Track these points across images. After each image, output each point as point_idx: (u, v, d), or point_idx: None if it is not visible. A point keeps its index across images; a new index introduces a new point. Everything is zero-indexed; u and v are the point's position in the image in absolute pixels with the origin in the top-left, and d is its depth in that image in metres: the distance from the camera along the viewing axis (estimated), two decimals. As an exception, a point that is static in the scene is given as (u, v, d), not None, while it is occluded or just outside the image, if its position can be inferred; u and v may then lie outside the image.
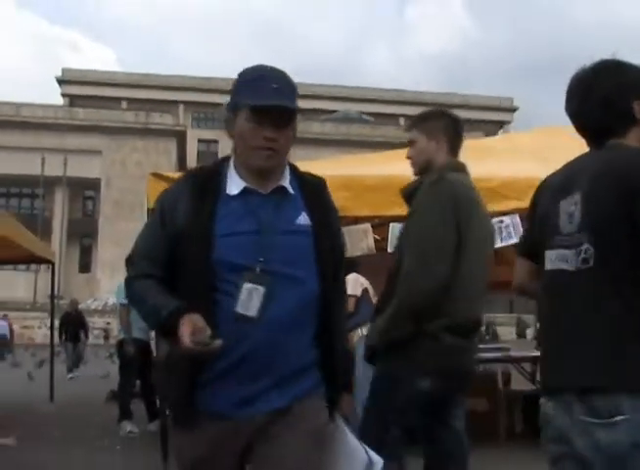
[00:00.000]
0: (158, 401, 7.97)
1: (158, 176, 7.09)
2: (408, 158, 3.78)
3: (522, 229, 6.55)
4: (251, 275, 2.24)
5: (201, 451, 2.31)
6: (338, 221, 2.56)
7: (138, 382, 9.50)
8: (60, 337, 19.03)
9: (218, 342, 2.11)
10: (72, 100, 62.45)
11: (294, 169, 2.47)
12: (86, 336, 20.31)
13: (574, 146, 2.61)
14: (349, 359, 2.78)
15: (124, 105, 61.89)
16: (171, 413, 2.39)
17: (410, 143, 3.75)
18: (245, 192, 2.34)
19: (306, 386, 2.33)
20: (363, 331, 6.73)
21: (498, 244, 6.62)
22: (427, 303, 3.32)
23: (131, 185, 46.83)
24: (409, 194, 3.65)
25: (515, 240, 6.54)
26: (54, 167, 47.90)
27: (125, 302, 8.89)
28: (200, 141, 62.08)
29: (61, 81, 65.25)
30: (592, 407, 2.04)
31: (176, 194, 2.38)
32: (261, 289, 2.24)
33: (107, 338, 23.38)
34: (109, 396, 11.44)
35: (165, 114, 56.01)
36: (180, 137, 54.46)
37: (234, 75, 2.40)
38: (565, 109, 2.39)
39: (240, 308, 2.24)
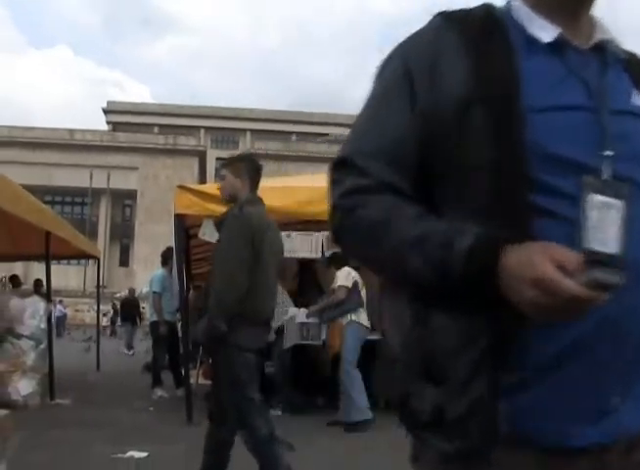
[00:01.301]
0: (182, 371, 7.97)
1: (183, 188, 7.08)
2: (218, 189, 4.02)
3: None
4: (597, 182, 0.97)
5: None
6: None
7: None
8: (120, 318, 19.20)
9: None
10: (115, 126, 62.28)
11: None
12: (140, 319, 19.50)
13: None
14: None
15: (156, 130, 61.71)
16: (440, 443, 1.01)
17: (221, 177, 3.96)
18: (559, 42, 1.06)
19: None
20: (352, 317, 6.73)
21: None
22: (233, 308, 3.52)
23: (162, 195, 46.70)
24: (219, 223, 3.82)
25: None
26: (99, 181, 47.99)
27: (158, 290, 8.86)
28: (217, 159, 61.92)
29: (106, 111, 65.11)
30: None
31: (434, 43, 1.06)
32: (618, 204, 0.96)
33: (141, 320, 23.26)
34: (144, 367, 11.41)
35: (189, 137, 55.93)
36: (201, 156, 54.39)
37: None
38: None
39: (593, 242, 0.92)
